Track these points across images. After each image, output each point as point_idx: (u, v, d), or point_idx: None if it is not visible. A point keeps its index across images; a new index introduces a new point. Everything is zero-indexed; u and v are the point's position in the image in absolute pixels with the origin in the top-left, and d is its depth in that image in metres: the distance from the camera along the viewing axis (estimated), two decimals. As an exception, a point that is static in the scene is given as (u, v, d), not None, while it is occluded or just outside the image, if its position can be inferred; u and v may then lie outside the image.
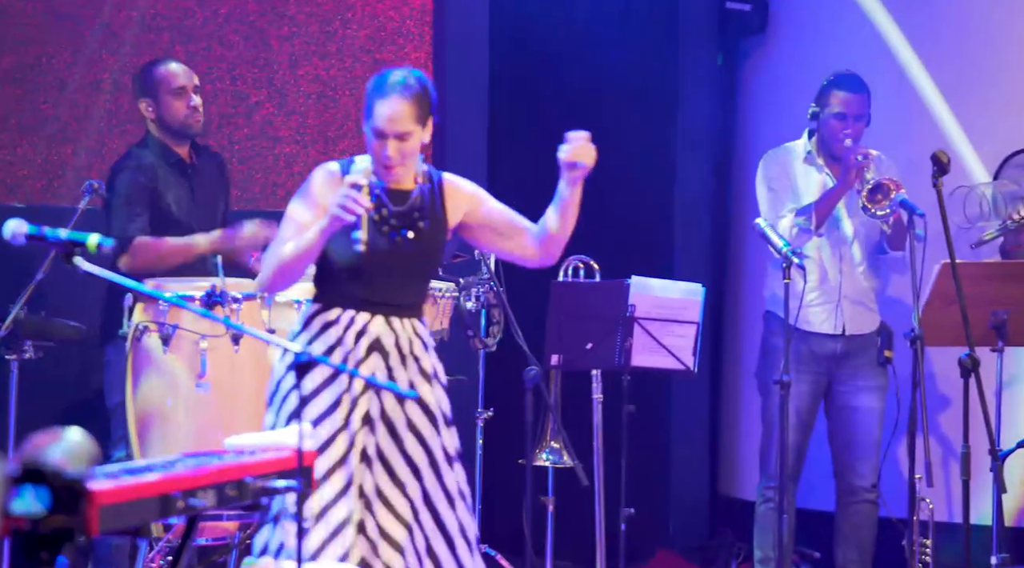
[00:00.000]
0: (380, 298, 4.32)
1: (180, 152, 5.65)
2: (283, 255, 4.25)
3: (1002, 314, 5.42)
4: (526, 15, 7.17)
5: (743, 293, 7.12)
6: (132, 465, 3.45)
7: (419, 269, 4.41)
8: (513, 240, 4.46)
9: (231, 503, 3.44)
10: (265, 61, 6.64)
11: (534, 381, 5.27)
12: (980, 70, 6.60)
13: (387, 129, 4.27)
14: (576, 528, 6.23)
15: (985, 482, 5.08)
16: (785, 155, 6.09)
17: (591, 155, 4.36)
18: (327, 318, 4.31)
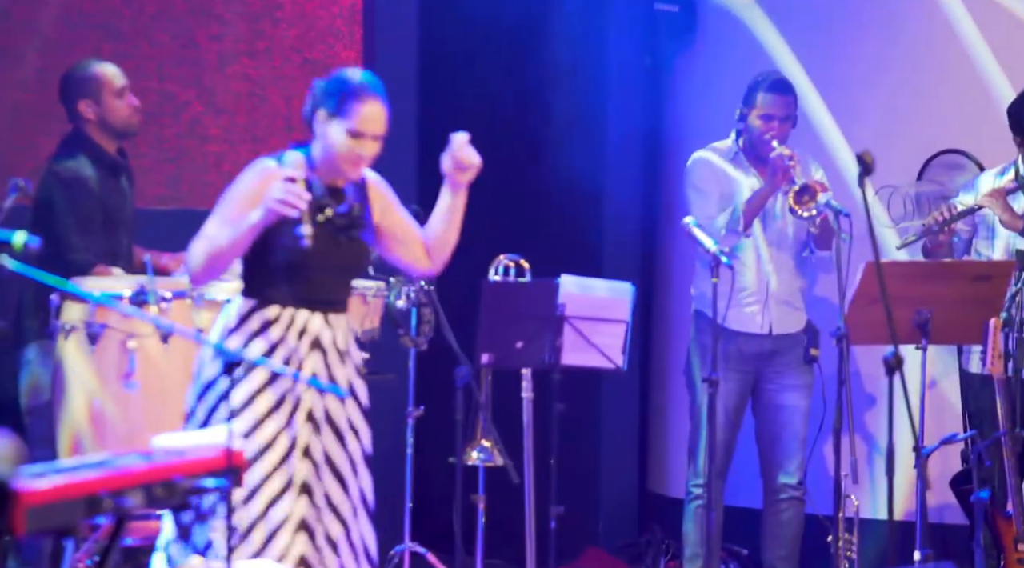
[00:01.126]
0: (318, 295, 4.33)
1: (112, 152, 5.64)
2: (214, 246, 4.21)
3: (925, 313, 5.49)
4: (456, 14, 7.17)
5: (672, 292, 7.16)
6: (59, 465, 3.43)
7: (354, 266, 4.43)
8: (409, 248, 4.50)
9: (160, 503, 3.42)
10: (193, 60, 6.60)
11: (464, 380, 5.28)
12: (904, 71, 6.67)
13: (368, 130, 4.32)
14: (506, 526, 6.24)
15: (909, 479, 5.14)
16: (713, 156, 6.13)
17: (476, 157, 4.37)
18: (266, 316, 4.29)
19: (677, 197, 6.55)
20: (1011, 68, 6.40)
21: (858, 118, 6.70)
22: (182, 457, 3.54)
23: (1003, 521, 5.50)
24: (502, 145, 7.24)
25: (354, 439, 4.38)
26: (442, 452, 5.84)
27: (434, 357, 5.99)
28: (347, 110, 4.30)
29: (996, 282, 5.57)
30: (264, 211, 4.16)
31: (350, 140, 4.30)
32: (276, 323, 4.28)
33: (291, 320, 4.29)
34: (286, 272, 4.28)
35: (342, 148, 4.31)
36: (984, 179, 6.09)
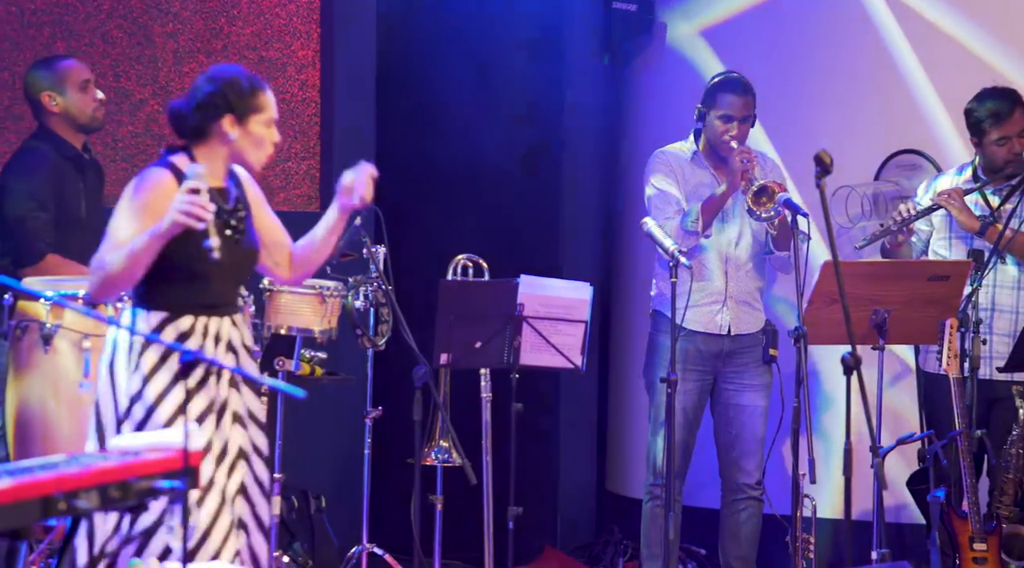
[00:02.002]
0: (222, 299, 4.35)
1: (77, 147, 5.62)
2: (117, 262, 4.17)
3: (883, 313, 5.51)
4: (413, 12, 7.15)
5: (631, 292, 7.16)
6: (13, 466, 3.39)
7: (249, 266, 4.43)
8: (272, 254, 4.49)
9: (115, 504, 3.39)
10: (149, 58, 6.56)
11: (423, 380, 5.27)
12: (862, 70, 6.70)
13: (275, 116, 4.39)
14: (464, 527, 6.23)
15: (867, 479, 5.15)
16: (672, 155, 6.13)
17: (370, 191, 4.37)
18: (180, 327, 4.28)
19: (636, 197, 6.55)
20: (968, 68, 6.44)
21: (816, 118, 6.72)
22: (138, 458, 3.51)
23: (959, 520, 5.53)
24: (460, 145, 7.23)
25: (256, 427, 4.41)
26: (400, 453, 5.82)
27: (392, 357, 5.97)
28: (257, 105, 4.34)
29: (953, 282, 5.60)
30: (168, 225, 4.14)
31: (268, 130, 4.35)
32: (193, 334, 4.28)
33: (205, 328, 4.29)
34: (190, 281, 4.26)
35: (268, 146, 4.35)
36: (942, 179, 6.12)
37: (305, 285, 5.63)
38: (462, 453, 5.65)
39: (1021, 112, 5.91)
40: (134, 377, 4.23)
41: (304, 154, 6.91)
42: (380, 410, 6.05)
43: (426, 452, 5.82)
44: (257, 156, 4.35)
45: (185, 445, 3.50)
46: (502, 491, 5.73)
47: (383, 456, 6.29)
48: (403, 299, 5.64)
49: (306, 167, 6.91)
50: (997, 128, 5.89)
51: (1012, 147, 5.89)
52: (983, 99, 5.95)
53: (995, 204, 5.96)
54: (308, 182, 6.91)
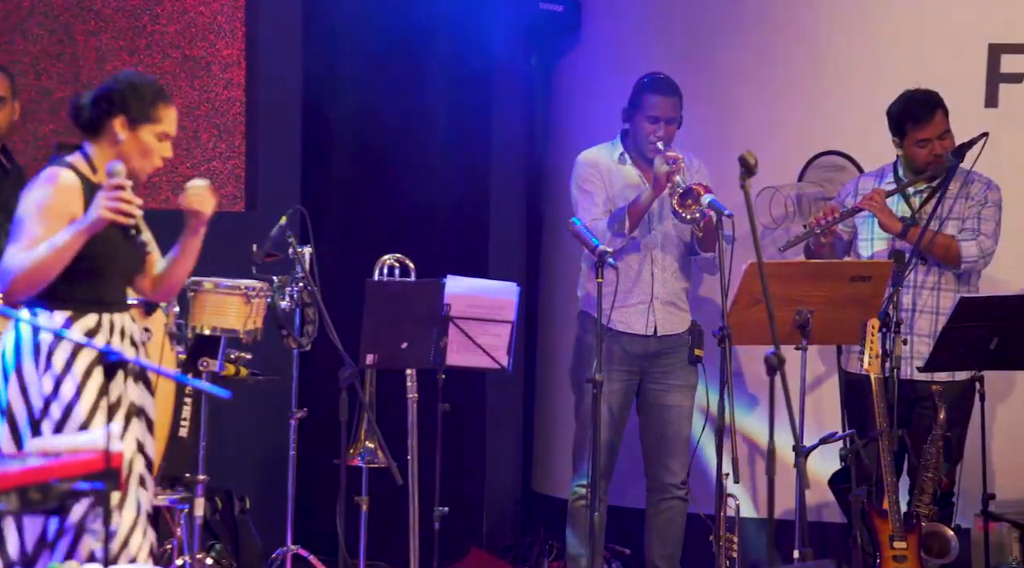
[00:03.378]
0: (120, 296, 4.39)
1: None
2: (36, 260, 4.17)
3: (806, 313, 5.56)
4: (340, 10, 7.13)
5: (557, 292, 7.18)
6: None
7: (140, 264, 4.44)
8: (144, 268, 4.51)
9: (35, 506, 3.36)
10: (71, 56, 6.50)
11: (349, 381, 5.25)
12: (786, 72, 6.75)
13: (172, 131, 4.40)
14: (390, 528, 6.22)
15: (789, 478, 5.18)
16: (598, 156, 6.15)
17: (210, 203, 4.38)
18: (87, 325, 4.29)
19: (563, 197, 6.56)
20: (891, 70, 6.51)
21: (739, 119, 6.77)
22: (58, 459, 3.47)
23: (879, 519, 5.58)
24: (386, 145, 7.22)
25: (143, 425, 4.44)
26: (326, 453, 5.80)
27: (318, 358, 5.95)
28: (157, 115, 4.34)
29: (874, 283, 5.65)
30: (91, 223, 4.14)
31: (160, 143, 4.35)
32: (100, 331, 4.29)
33: (111, 324, 4.31)
34: (93, 277, 4.28)
35: (155, 159, 4.35)
36: (864, 181, 6.18)
37: (230, 285, 5.60)
38: (388, 454, 5.64)
39: (942, 114, 5.98)
40: (46, 377, 4.21)
41: (229, 154, 6.87)
42: (305, 411, 6.03)
43: (351, 453, 5.81)
44: (141, 165, 4.36)
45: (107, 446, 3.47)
46: (428, 492, 5.72)
47: (308, 457, 6.27)
48: (329, 299, 5.62)
49: (231, 167, 6.87)
50: (918, 130, 5.96)
51: (933, 149, 5.96)
52: (905, 101, 6.01)
53: (916, 205, 6.03)
54: (233, 182, 6.87)
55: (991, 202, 6.01)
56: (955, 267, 5.96)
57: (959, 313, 5.71)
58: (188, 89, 6.74)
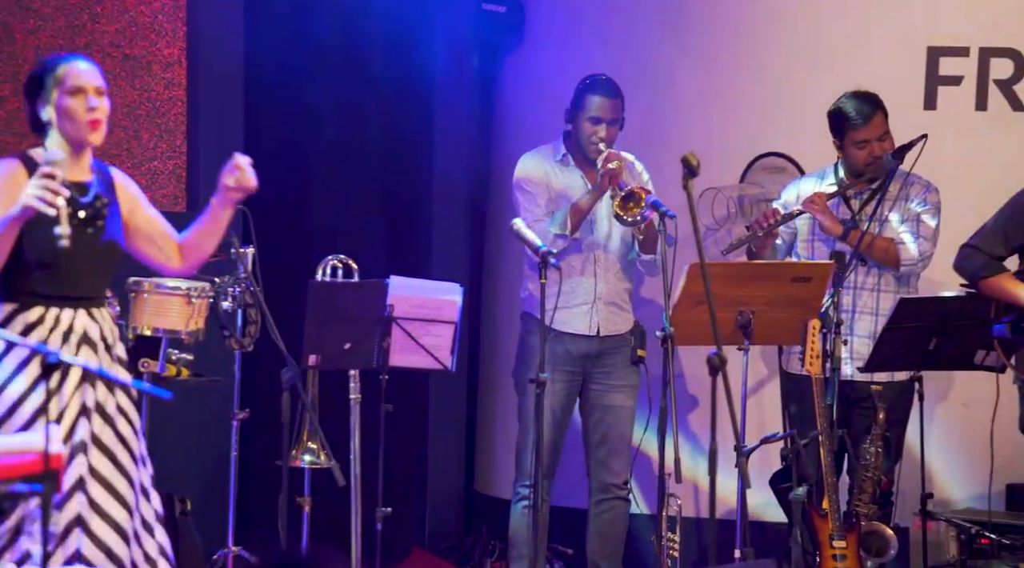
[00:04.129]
0: (79, 291, 4.33)
1: None
2: None
3: (748, 314, 5.58)
4: (282, 9, 7.11)
5: (500, 293, 7.18)
6: None
7: (109, 260, 4.39)
8: (160, 248, 4.53)
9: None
10: (9, 55, 6.44)
11: (291, 381, 5.23)
12: (728, 74, 6.78)
13: (87, 83, 4.33)
14: (332, 528, 6.20)
15: (731, 478, 5.22)
16: (541, 157, 6.17)
17: (253, 181, 4.38)
18: (28, 319, 4.25)
19: (506, 198, 6.57)
20: (831, 73, 6.55)
21: (682, 120, 6.80)
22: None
23: (819, 518, 5.62)
24: (329, 144, 7.20)
25: (127, 426, 4.35)
26: (268, 455, 5.78)
27: (260, 359, 5.93)
28: (66, 79, 4.32)
29: (815, 284, 5.69)
30: (20, 209, 4.13)
31: (76, 98, 4.31)
32: (40, 325, 4.25)
33: (56, 320, 4.26)
34: (43, 270, 4.25)
35: (80, 114, 4.31)
36: (805, 182, 6.22)
37: (171, 286, 5.58)
38: (330, 455, 5.63)
39: (881, 116, 6.02)
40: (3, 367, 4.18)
41: (170, 153, 6.83)
42: (247, 412, 6.01)
43: (294, 454, 5.79)
44: (75, 129, 4.33)
45: (46, 448, 3.44)
46: (370, 492, 5.72)
47: (250, 458, 6.24)
48: (272, 300, 5.60)
49: (172, 166, 6.83)
50: (858, 132, 6.00)
51: (872, 150, 6.00)
52: (845, 103, 6.06)
53: (856, 207, 6.07)
54: (175, 182, 6.83)
55: (930, 204, 6.06)
56: (895, 269, 6.01)
57: (898, 314, 5.76)
58: (128, 89, 6.69)
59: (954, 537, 6.32)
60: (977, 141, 6.61)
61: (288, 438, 5.55)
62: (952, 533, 6.32)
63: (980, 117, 6.62)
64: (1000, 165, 6.51)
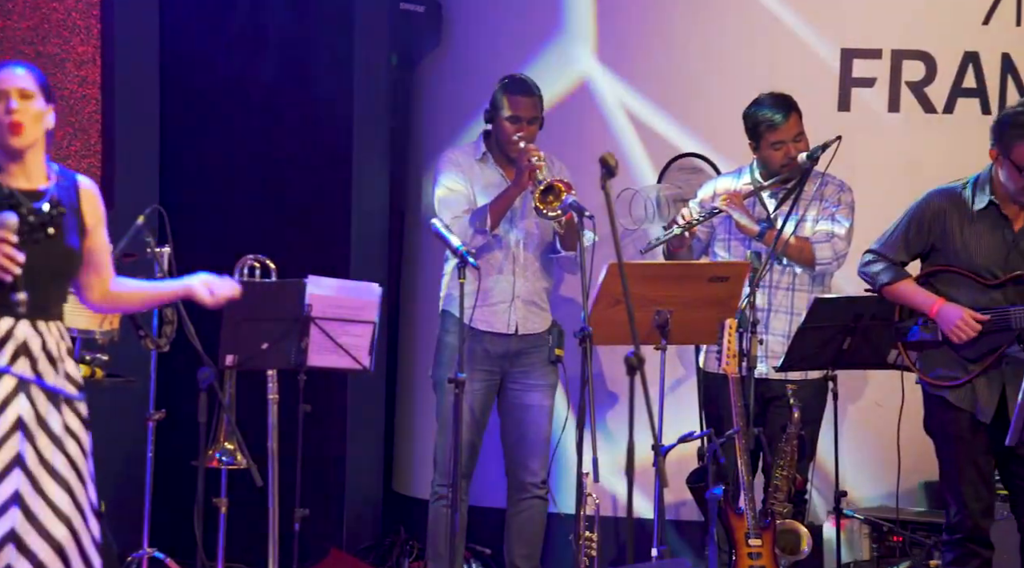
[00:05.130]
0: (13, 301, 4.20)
1: None
2: None
3: (665, 313, 5.61)
4: (198, 6, 7.06)
5: (419, 292, 7.18)
6: None
7: (62, 270, 4.30)
8: (91, 277, 4.39)
9: None
10: (-81, 49, 6.36)
11: (208, 382, 5.20)
12: (646, 75, 6.82)
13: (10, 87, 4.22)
14: (249, 530, 6.17)
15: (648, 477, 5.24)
16: (460, 155, 6.17)
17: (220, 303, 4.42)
18: None
19: (425, 197, 6.56)
20: (747, 74, 6.61)
21: (600, 120, 6.82)
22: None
23: (735, 517, 5.66)
24: (247, 143, 7.16)
25: (74, 444, 4.25)
26: (184, 455, 5.74)
27: (176, 359, 5.88)
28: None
29: (732, 283, 5.73)
30: None
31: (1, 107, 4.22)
32: None
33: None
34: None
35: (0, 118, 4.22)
36: (722, 183, 6.27)
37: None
38: (248, 455, 5.59)
39: (796, 117, 6.08)
40: None
41: (84, 152, 6.76)
42: (163, 412, 5.97)
43: (210, 454, 5.75)
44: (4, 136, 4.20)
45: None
46: (288, 493, 5.69)
47: (166, 459, 6.20)
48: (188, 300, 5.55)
49: (86, 165, 6.77)
50: (773, 133, 6.05)
51: (788, 151, 6.06)
52: (760, 104, 6.11)
53: (772, 207, 6.13)
54: (89, 180, 6.76)
55: (844, 204, 6.13)
56: (810, 268, 6.07)
57: (813, 313, 5.82)
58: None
59: (867, 535, 6.40)
60: (890, 142, 6.69)
61: (205, 439, 5.50)
62: (865, 531, 6.40)
63: (893, 118, 6.70)
64: (912, 166, 6.60)
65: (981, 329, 5.38)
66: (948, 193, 5.54)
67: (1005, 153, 5.35)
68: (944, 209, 5.50)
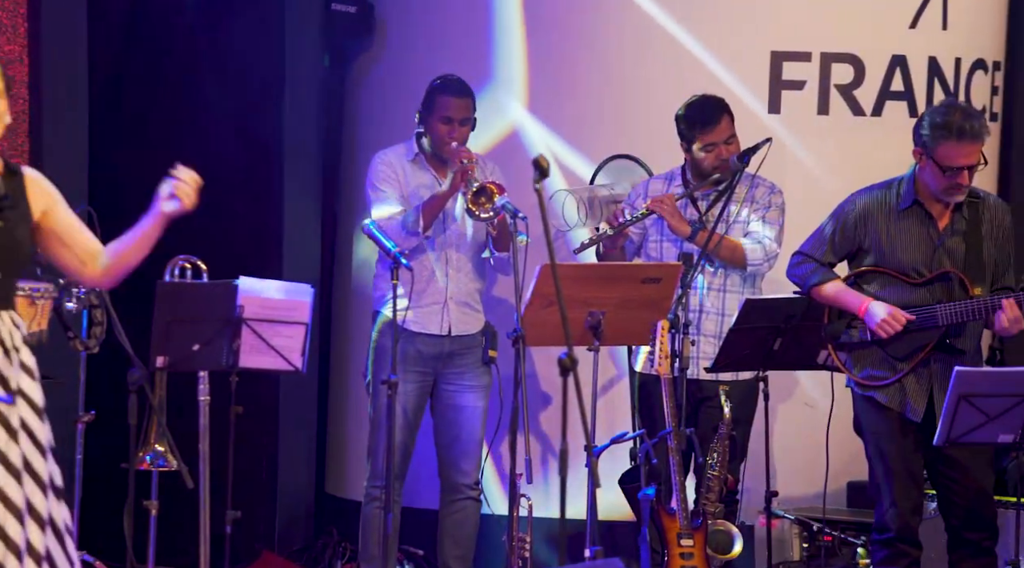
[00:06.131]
0: None
1: None
2: None
3: (598, 314, 5.63)
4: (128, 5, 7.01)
5: (352, 293, 7.16)
6: None
7: (10, 262, 4.27)
8: (74, 253, 4.37)
9: None
10: None
11: (138, 383, 5.16)
12: (577, 77, 6.83)
13: None
14: (180, 532, 6.13)
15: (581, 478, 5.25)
16: (393, 156, 6.17)
17: (192, 198, 4.31)
18: None
19: (357, 198, 6.55)
20: (678, 76, 6.64)
21: (534, 121, 6.83)
22: None
23: (667, 517, 5.69)
24: (176, 144, 7.11)
25: (29, 443, 4.21)
26: (114, 457, 5.70)
27: (106, 360, 5.84)
28: None
29: (664, 284, 5.76)
30: None
31: None
32: None
33: None
34: None
35: None
36: (653, 184, 6.30)
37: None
38: (178, 457, 5.55)
39: (728, 119, 6.12)
40: None
41: (12, 152, 6.69)
42: (93, 414, 5.92)
43: (141, 456, 5.72)
44: None
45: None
46: (219, 495, 5.66)
47: (96, 461, 6.14)
48: (119, 301, 5.52)
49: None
50: (705, 134, 6.09)
51: (719, 153, 6.10)
52: (691, 106, 6.15)
53: (704, 209, 6.16)
54: (17, 180, 6.69)
55: (775, 206, 6.17)
56: (742, 269, 6.11)
57: (744, 314, 5.86)
58: None
59: (797, 534, 6.45)
60: (819, 144, 6.75)
61: (135, 440, 5.47)
62: (795, 531, 6.45)
63: (822, 121, 6.76)
64: (841, 168, 6.66)
65: (906, 323, 5.44)
66: (874, 194, 5.60)
67: (928, 153, 5.42)
68: (870, 210, 5.56)
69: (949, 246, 5.51)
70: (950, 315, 5.43)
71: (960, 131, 5.35)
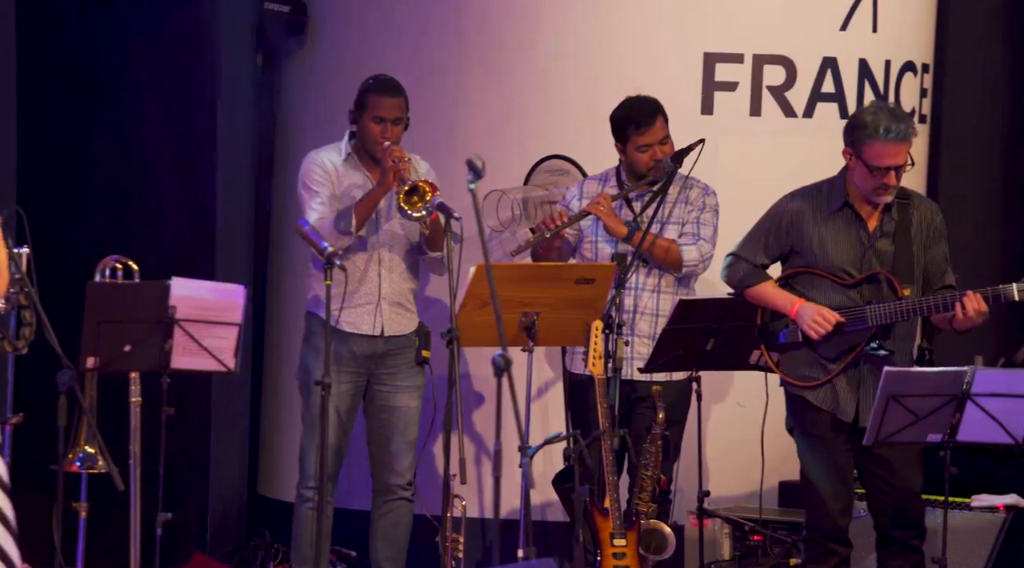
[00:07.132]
0: None
1: None
2: None
3: (532, 315, 5.65)
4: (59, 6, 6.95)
5: (285, 294, 7.13)
6: None
7: None
8: None
9: None
10: None
11: (67, 384, 5.12)
12: (510, 77, 6.84)
13: None
14: (110, 534, 6.09)
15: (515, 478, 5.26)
16: (326, 156, 6.15)
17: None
18: None
19: (290, 198, 6.52)
20: (612, 77, 6.66)
21: (466, 122, 6.83)
22: None
23: (600, 517, 5.70)
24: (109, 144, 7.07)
25: None
26: (43, 459, 5.64)
27: (35, 361, 5.78)
28: None
29: (598, 285, 5.78)
30: None
31: None
32: None
33: None
34: None
35: None
36: (588, 185, 6.31)
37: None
38: (109, 459, 5.51)
39: (662, 120, 6.15)
40: None
41: (-61, 151, 6.62)
42: (21, 416, 5.85)
43: (70, 458, 5.67)
44: None
45: None
46: (150, 497, 5.62)
47: (24, 463, 6.07)
48: (49, 302, 5.46)
49: (-59, 163, 6.62)
50: (640, 135, 6.11)
51: (654, 154, 6.12)
52: (627, 107, 6.17)
53: (638, 209, 6.19)
54: (-56, 179, 6.62)
55: (708, 207, 6.20)
56: (676, 270, 6.14)
57: (678, 315, 5.88)
58: None
59: (728, 534, 6.49)
60: (751, 145, 6.79)
61: (64, 442, 5.42)
62: (727, 530, 6.48)
63: (754, 122, 6.80)
64: (773, 169, 6.70)
65: (836, 324, 5.48)
66: (805, 195, 5.64)
67: (857, 153, 5.47)
68: (801, 211, 5.60)
69: (878, 248, 5.56)
70: (880, 316, 5.48)
71: (887, 131, 5.40)
